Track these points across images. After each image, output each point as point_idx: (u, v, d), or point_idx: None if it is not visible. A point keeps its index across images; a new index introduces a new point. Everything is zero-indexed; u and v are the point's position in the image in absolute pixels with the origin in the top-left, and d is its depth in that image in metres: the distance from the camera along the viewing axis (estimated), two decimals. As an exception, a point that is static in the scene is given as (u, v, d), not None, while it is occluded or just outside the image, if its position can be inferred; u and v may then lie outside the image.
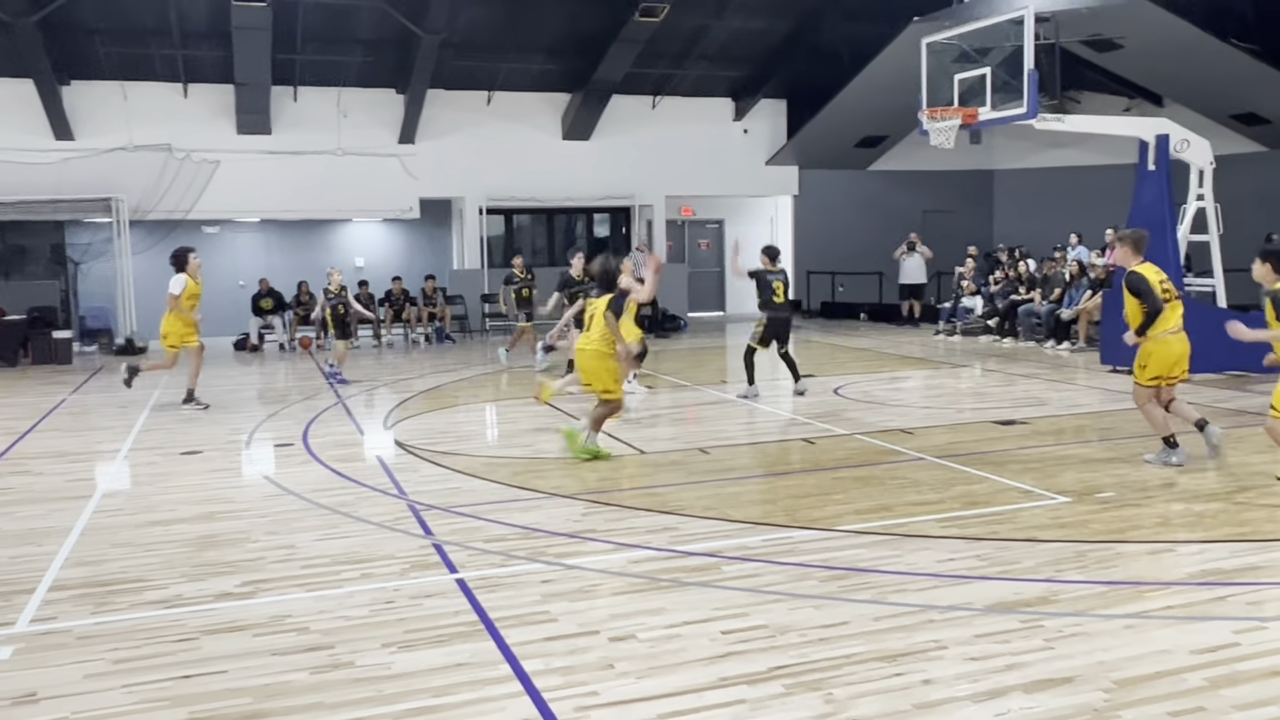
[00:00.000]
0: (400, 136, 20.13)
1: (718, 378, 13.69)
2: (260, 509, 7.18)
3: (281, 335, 18.88)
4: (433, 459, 8.67)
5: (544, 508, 6.99)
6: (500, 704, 4.02)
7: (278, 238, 20.96)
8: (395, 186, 20.16)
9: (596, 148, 21.50)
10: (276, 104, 19.15)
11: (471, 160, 20.59)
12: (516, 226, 22.75)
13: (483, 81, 20.37)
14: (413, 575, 5.62)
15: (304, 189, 19.53)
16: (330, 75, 19.34)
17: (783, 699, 3.99)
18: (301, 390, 13.22)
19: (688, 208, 23.62)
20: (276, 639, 4.74)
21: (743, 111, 22.54)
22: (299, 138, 19.58)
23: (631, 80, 20.47)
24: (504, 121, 20.86)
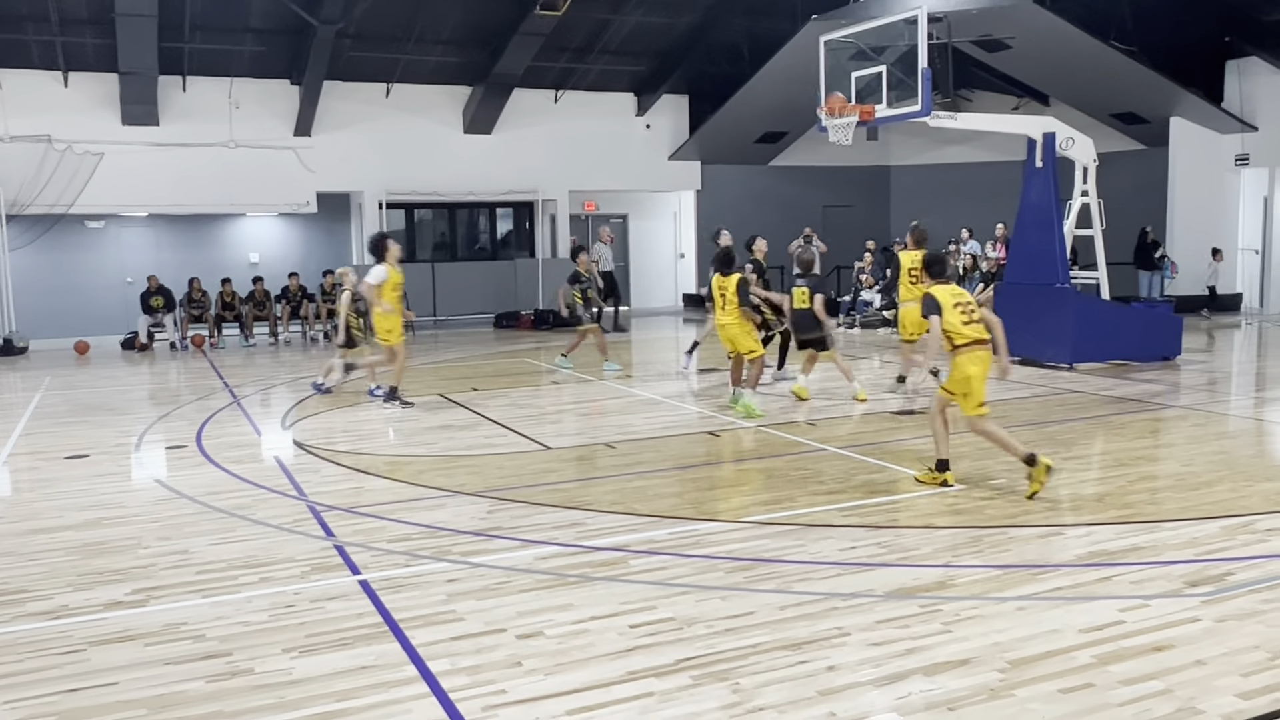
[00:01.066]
0: (296, 129, 19.64)
1: (623, 372, 13.71)
2: (152, 514, 6.93)
3: (172, 334, 18.25)
4: (333, 459, 8.49)
5: (449, 506, 6.91)
6: (406, 705, 3.96)
7: (167, 233, 20.25)
8: (291, 180, 19.66)
9: (499, 141, 21.32)
10: (164, 94, 18.48)
11: (370, 153, 20.21)
12: (418, 221, 22.42)
13: (381, 73, 20.01)
14: (314, 578, 5.50)
15: (194, 182, 18.90)
16: (221, 65, 18.74)
17: (690, 690, 4.02)
18: (195, 390, 12.81)
19: (590, 202, 23.60)
20: (170, 648, 4.58)
21: (645, 106, 22.62)
22: (189, 129, 18.93)
23: (533, 74, 20.35)
24: (404, 114, 20.52)
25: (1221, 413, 9.90)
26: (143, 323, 18.11)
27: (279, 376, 14.07)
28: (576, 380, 12.96)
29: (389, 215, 20.90)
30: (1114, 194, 14.66)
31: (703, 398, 11.46)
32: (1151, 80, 18.46)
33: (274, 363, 15.83)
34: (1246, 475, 7.31)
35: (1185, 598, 4.90)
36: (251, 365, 15.49)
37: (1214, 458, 7.92)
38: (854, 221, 23.18)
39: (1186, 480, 7.22)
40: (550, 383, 12.81)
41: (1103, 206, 13.62)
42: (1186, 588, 5.03)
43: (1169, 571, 5.28)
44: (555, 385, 12.64)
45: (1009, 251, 15.57)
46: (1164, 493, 6.95)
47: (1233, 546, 5.68)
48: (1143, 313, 14.51)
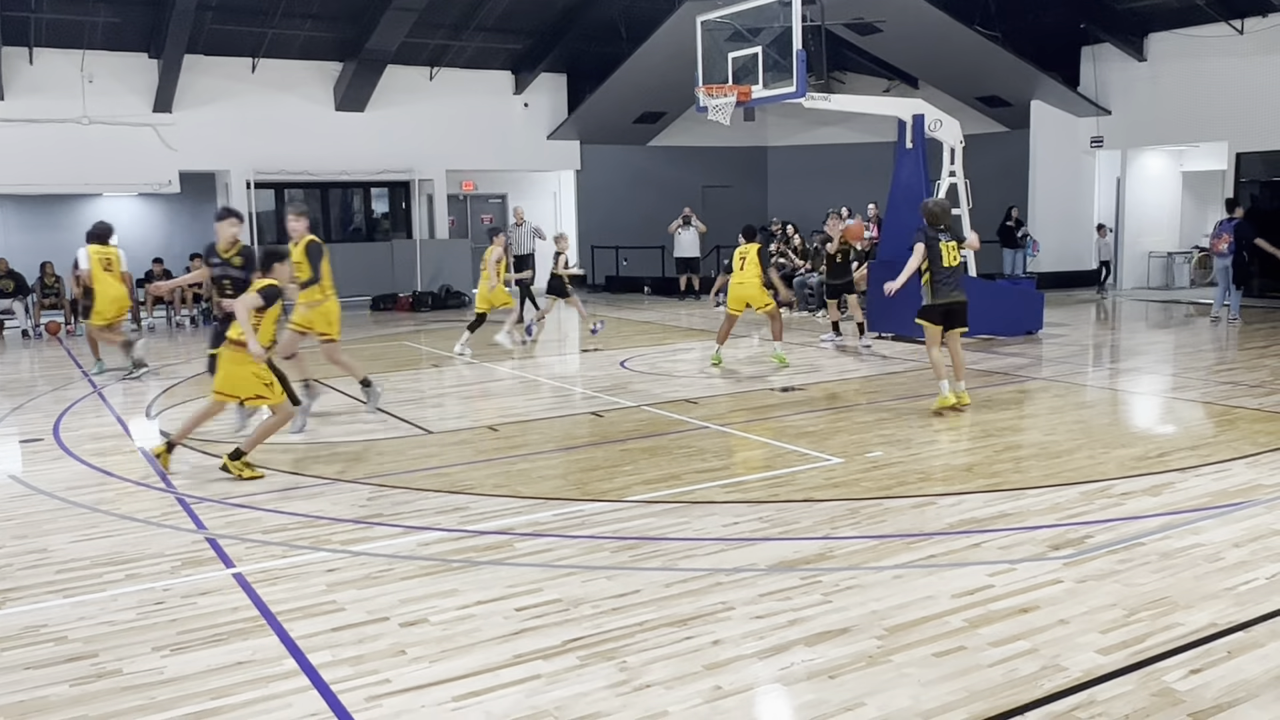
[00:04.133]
0: (155, 105, 18.75)
1: (504, 354, 13.60)
2: (6, 511, 6.55)
3: (24, 321, 17.27)
4: (204, 449, 8.17)
5: (327, 494, 6.74)
6: (286, 700, 3.85)
7: (16, 214, 19.11)
8: (151, 158, 18.77)
9: (372, 119, 20.80)
10: (10, 66, 17.40)
11: (236, 131, 19.44)
12: (289, 200, 21.68)
13: (246, 48, 19.26)
14: (184, 573, 5.29)
15: (45, 160, 17.87)
16: (73, 36, 17.73)
17: (578, 671, 4.02)
18: (51, 380, 12.16)
19: (469, 182, 23.27)
20: (30, 651, 4.35)
21: (523, 85, 22.38)
22: (37, 104, 17.87)
23: (407, 50, 19.90)
24: (271, 90, 19.81)
25: (1080, 384, 10.40)
26: (-9, 309, 17.08)
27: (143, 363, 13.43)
28: (465, 363, 12.79)
29: (258, 195, 20.17)
30: (980, 174, 15.20)
31: (587, 378, 11.46)
32: (1013, 65, 19.18)
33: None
34: (1103, 443, 7.70)
35: (1049, 561, 5.13)
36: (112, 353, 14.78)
37: (1073, 427, 8.31)
38: (733, 201, 23.46)
39: (1048, 449, 7.56)
40: (430, 365, 12.60)
41: (969, 186, 14.10)
42: (1050, 551, 5.27)
43: (1034, 536, 5.53)
44: (435, 368, 12.44)
45: (881, 230, 15.99)
46: (1028, 461, 7.26)
47: (1091, 510, 5.97)
48: (1007, 289, 15.12)
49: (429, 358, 13.34)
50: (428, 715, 3.71)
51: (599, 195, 23.55)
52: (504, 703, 3.78)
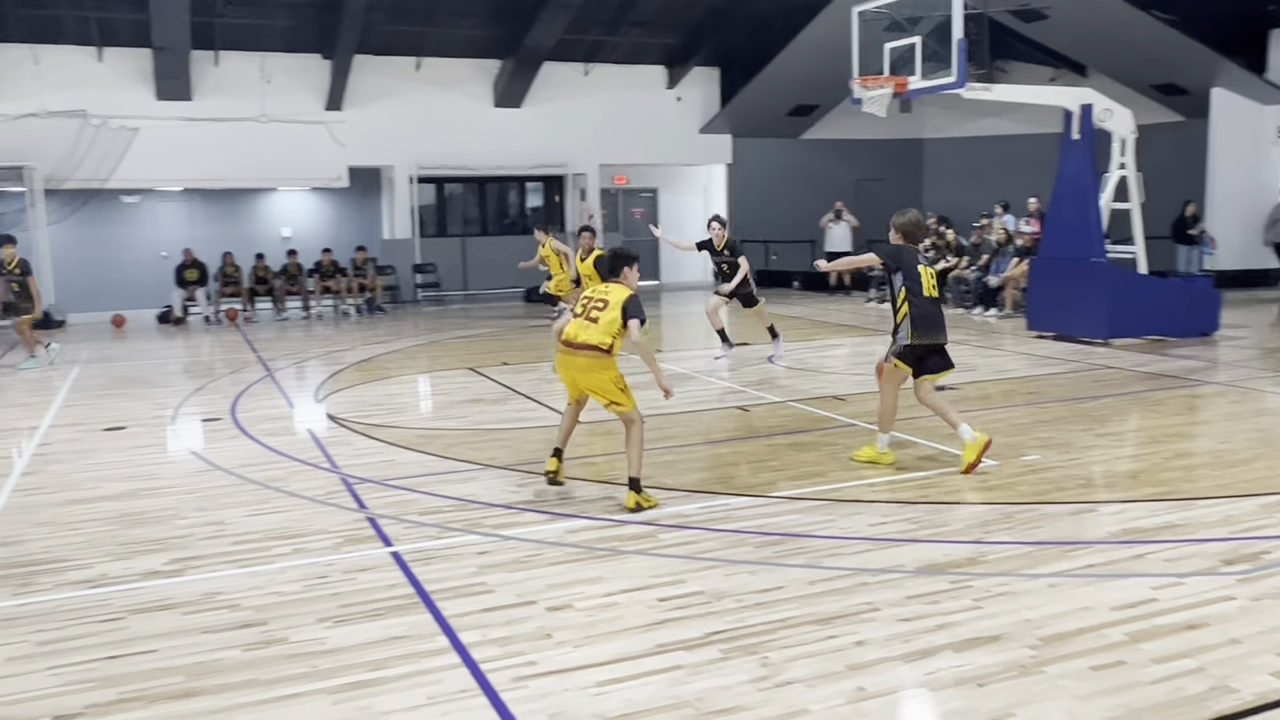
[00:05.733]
0: (327, 103, 19.69)
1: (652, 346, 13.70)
2: (188, 485, 7.03)
3: (206, 308, 18.45)
4: (366, 432, 8.56)
5: (480, 479, 6.95)
6: (437, 676, 4.01)
7: (201, 207, 20.41)
8: (323, 154, 19.73)
9: (528, 115, 21.27)
10: (197, 69, 18.58)
11: (401, 128, 20.22)
12: (448, 195, 22.45)
13: (411, 47, 19.99)
14: (346, 550, 5.56)
15: (228, 157, 19.01)
16: (253, 39, 18.80)
17: (719, 664, 4.04)
18: (229, 363, 12.94)
19: (621, 176, 23.53)
20: (207, 617, 4.66)
21: (676, 79, 22.47)
22: (221, 104, 19.03)
23: (563, 47, 20.26)
24: (434, 88, 20.52)
25: (1260, 389, 9.75)
26: (177, 296, 18.32)
27: (311, 350, 14.18)
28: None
29: (420, 189, 20.95)
30: (1153, 167, 14.43)
31: (735, 373, 11.44)
32: (1192, 50, 18.08)
33: (306, 336, 15.96)
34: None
35: (1220, 576, 4.85)
36: (284, 339, 15.63)
37: (1251, 435, 7.81)
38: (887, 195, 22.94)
39: (1223, 457, 7.13)
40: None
41: (1142, 180, 13.40)
42: (1221, 566, 4.98)
43: (1204, 549, 5.23)
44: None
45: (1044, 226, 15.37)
46: (1200, 470, 6.86)
47: (1269, 525, 5.61)
48: (1181, 287, 14.30)
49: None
50: (571, 699, 3.79)
51: (750, 189, 23.43)
52: (645, 691, 3.83)
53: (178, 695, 3.89)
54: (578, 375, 6.39)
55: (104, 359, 13.63)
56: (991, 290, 16.32)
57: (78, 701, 3.85)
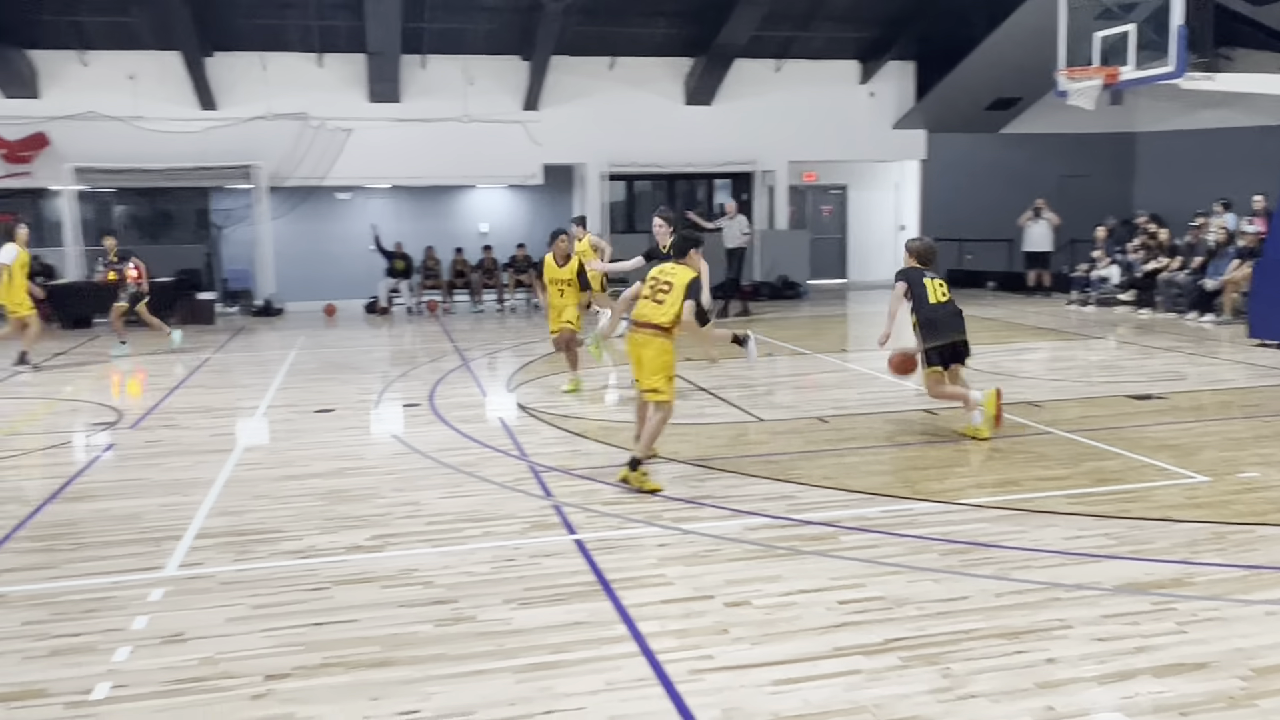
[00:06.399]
0: (525, 103, 20.35)
1: (837, 345, 13.52)
2: (388, 466, 7.43)
3: (409, 299, 19.42)
4: (553, 422, 8.82)
5: (661, 472, 7.04)
6: (616, 663, 4.10)
7: (407, 203, 21.50)
8: (519, 153, 20.40)
9: (718, 112, 21.31)
10: (406, 72, 19.57)
11: (594, 126, 20.66)
12: (638, 192, 22.79)
13: (605, 47, 20.38)
14: (532, 535, 5.75)
15: (432, 156, 19.96)
16: (457, 43, 19.64)
17: (899, 671, 3.96)
18: (429, 352, 13.59)
19: (810, 173, 23.25)
20: (403, 591, 4.92)
21: (869, 74, 22.00)
22: (427, 105, 19.97)
23: (755, 44, 20.18)
24: (626, 87, 20.85)
25: None
26: (383, 287, 19.37)
27: (504, 341, 14.72)
28: (790, 353, 12.87)
29: (610, 186, 21.37)
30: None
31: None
32: None
33: (500, 328, 16.57)
34: None
35: None
36: (480, 330, 16.28)
37: None
38: (1093, 192, 21.75)
39: None
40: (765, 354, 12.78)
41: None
42: None
43: None
44: (769, 357, 12.60)
45: (1270, 225, 14.21)
46: None
47: None
48: None
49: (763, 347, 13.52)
50: (747, 695, 3.80)
51: (944, 186, 22.69)
52: (822, 693, 3.80)
53: (375, 664, 4.13)
54: (644, 352, 6.71)
55: (317, 345, 14.57)
56: (1208, 294, 15.22)
57: (286, 663, 4.15)
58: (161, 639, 4.41)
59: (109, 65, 18.47)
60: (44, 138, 18.18)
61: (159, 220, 20.67)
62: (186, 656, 4.23)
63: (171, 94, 18.70)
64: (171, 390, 10.80)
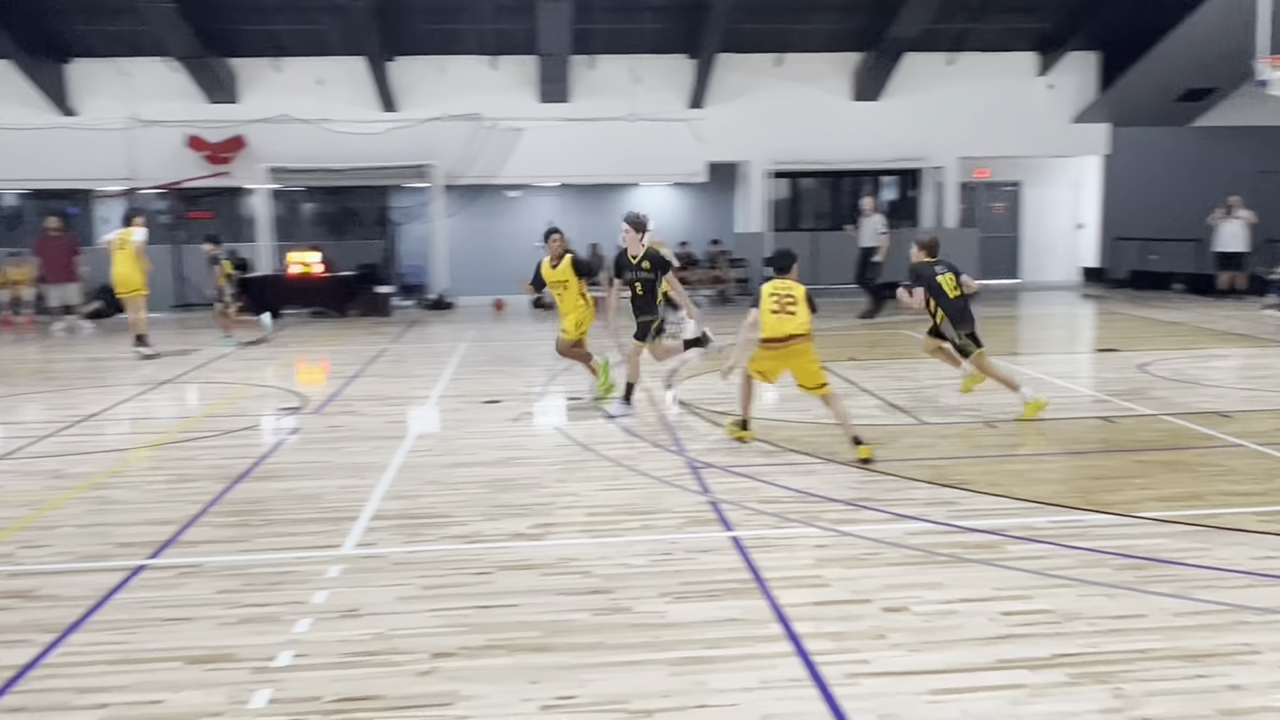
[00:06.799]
0: (690, 101, 20.45)
1: (1008, 349, 13.03)
2: (550, 457, 7.63)
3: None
4: (712, 419, 8.85)
5: (820, 473, 6.97)
6: (770, 662, 4.09)
7: (574, 201, 21.97)
8: (684, 151, 20.52)
9: (887, 108, 20.86)
10: (575, 72, 19.98)
11: (759, 123, 20.58)
12: (802, 190, 22.57)
13: (772, 44, 20.26)
14: (689, 530, 5.80)
15: (598, 154, 20.32)
16: (625, 43, 19.92)
17: (1066, 688, 3.81)
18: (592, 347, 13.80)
19: (983, 169, 22.48)
20: (563, 579, 5.05)
21: (1048, 65, 21.09)
22: (595, 105, 20.34)
23: (927, 37, 19.65)
24: (792, 83, 20.66)
25: None
26: (550, 284, 19.84)
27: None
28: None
29: (774, 184, 21.25)
30: None
31: (1102, 381, 10.62)
32: None
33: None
34: None
35: None
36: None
37: None
38: (1295, 189, 20.23)
39: None
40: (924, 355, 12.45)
41: None
42: None
43: None
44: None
45: None
46: None
47: None
48: None
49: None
50: (904, 702, 3.74)
51: (1127, 182, 21.54)
52: (984, 705, 3.69)
53: (535, 649, 4.26)
54: (792, 362, 7.49)
55: (485, 339, 15.07)
56: None
57: (452, 642, 4.33)
58: (338, 613, 4.67)
59: (300, 71, 19.62)
60: (241, 140, 19.48)
61: (342, 217, 21.84)
62: (360, 631, 4.46)
63: (356, 97, 19.70)
64: (351, 379, 11.38)
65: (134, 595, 4.94)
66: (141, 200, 20.07)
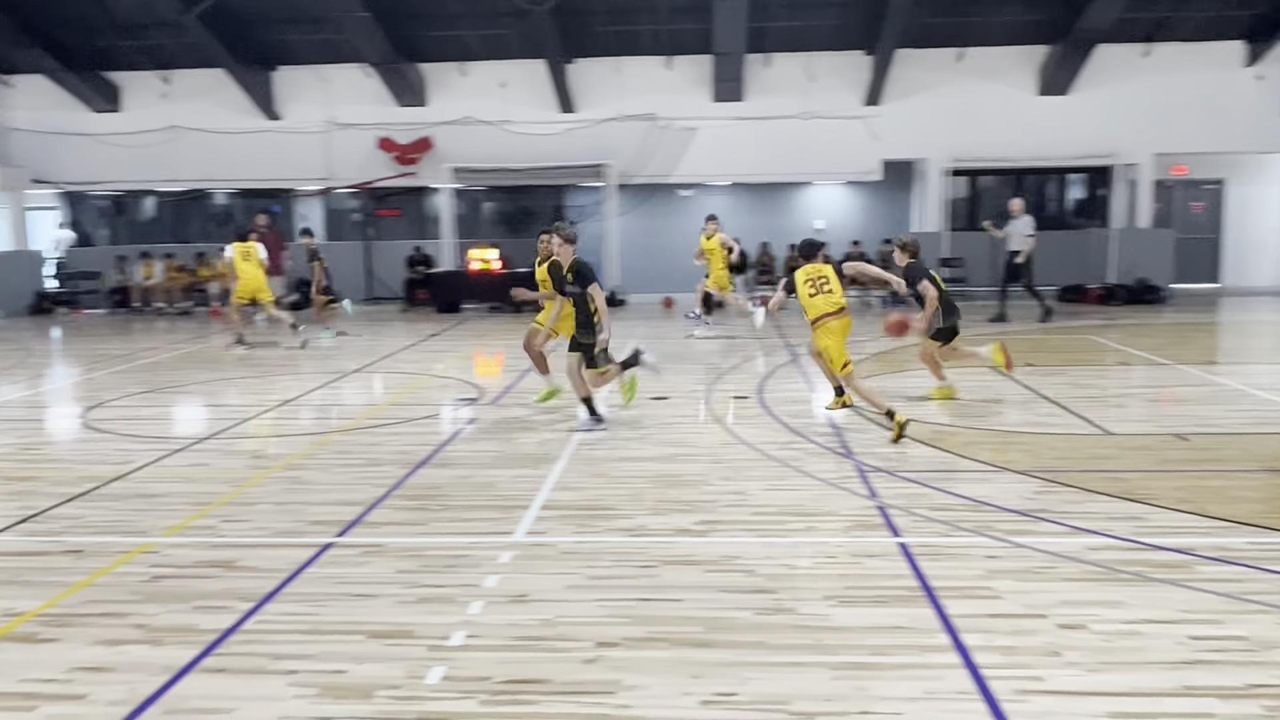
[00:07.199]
0: (866, 99, 20.08)
1: (1204, 357, 12.24)
2: (716, 455, 7.66)
3: (742, 294, 19.76)
4: (882, 422, 8.67)
5: (994, 481, 6.75)
6: (937, 673, 4.00)
7: (745, 200, 21.94)
8: (858, 149, 20.17)
9: (1075, 102, 19.90)
10: (749, 71, 19.94)
11: (937, 120, 20.00)
12: (981, 188, 21.81)
13: (953, 38, 19.64)
14: (855, 534, 5.72)
15: (771, 153, 20.22)
16: (801, 40, 19.73)
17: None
18: (763, 347, 13.81)
19: (1181, 166, 21.14)
20: (725, 577, 5.07)
21: (1257, 55, 19.63)
22: (768, 103, 20.24)
23: (1121, 27, 18.63)
24: (974, 79, 19.98)
25: None
26: (718, 282, 19.88)
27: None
28: (1146, 363, 11.82)
29: (951, 182, 20.62)
30: None
31: (1308, 394, 9.84)
32: None
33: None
34: None
35: None
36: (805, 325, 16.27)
37: None
38: None
39: None
40: (1118, 363, 11.83)
41: None
42: None
43: None
44: (1124, 366, 11.65)
45: None
46: None
47: None
48: None
49: (1116, 355, 12.53)
50: (1078, 723, 3.59)
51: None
52: (1166, 732, 3.51)
53: (696, 644, 4.31)
54: (840, 337, 8.63)
55: (654, 336, 15.24)
56: None
57: (615, 632, 4.42)
58: (509, 598, 4.84)
59: (484, 74, 20.36)
60: (429, 141, 20.37)
61: (520, 215, 22.51)
62: (529, 616, 4.61)
63: (535, 98, 20.29)
64: (525, 372, 11.72)
65: (323, 570, 5.27)
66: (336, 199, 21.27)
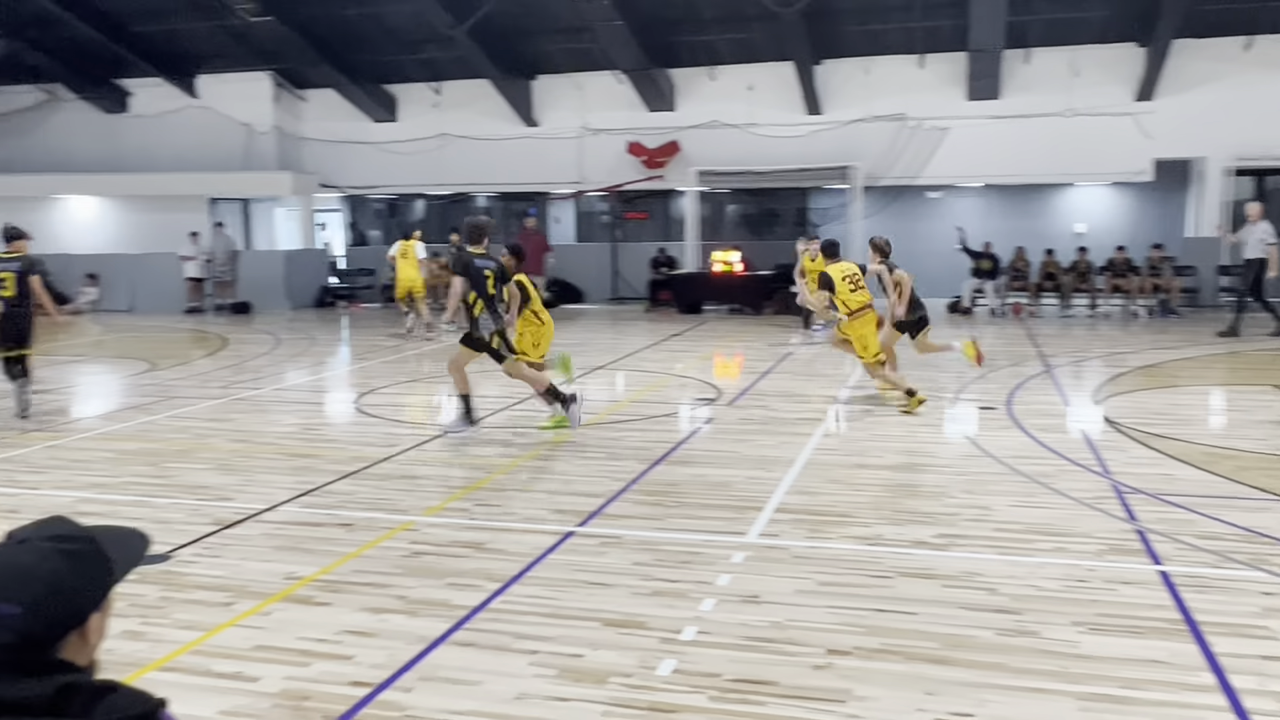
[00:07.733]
0: (1137, 94, 18.71)
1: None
2: (959, 467, 7.39)
3: (993, 300, 18.94)
4: (1144, 440, 8.09)
5: (1273, 511, 6.15)
6: (1198, 714, 3.71)
7: (998, 202, 20.99)
8: (1126, 147, 18.82)
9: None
10: (1007, 67, 19.04)
11: (1219, 115, 18.31)
12: (1269, 189, 19.82)
13: (1240, 25, 17.96)
14: (1110, 558, 5.37)
15: (1028, 153, 19.22)
16: (1066, 34, 18.62)
17: None
18: (1010, 355, 13.18)
19: None
20: (965, 594, 4.89)
21: None
22: (1027, 101, 19.25)
23: None
24: (1263, 69, 18.17)
25: None
26: (967, 287, 19.12)
27: (1093, 349, 13.77)
28: None
29: (1236, 183, 18.86)
30: None
31: None
32: None
33: (1090, 335, 15.52)
34: None
35: None
36: (1067, 336, 15.40)
37: None
38: None
39: None
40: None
41: None
42: None
43: None
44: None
45: None
46: None
47: None
48: None
49: None
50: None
51: None
52: None
53: (931, 660, 4.18)
54: (870, 328, 9.49)
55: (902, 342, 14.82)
56: None
57: (847, 641, 4.36)
58: (740, 598, 4.88)
59: (732, 78, 20.51)
60: (676, 145, 20.76)
61: (763, 218, 22.54)
62: (759, 617, 4.63)
63: (782, 101, 20.23)
64: (763, 374, 11.75)
65: (564, 557, 5.50)
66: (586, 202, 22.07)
